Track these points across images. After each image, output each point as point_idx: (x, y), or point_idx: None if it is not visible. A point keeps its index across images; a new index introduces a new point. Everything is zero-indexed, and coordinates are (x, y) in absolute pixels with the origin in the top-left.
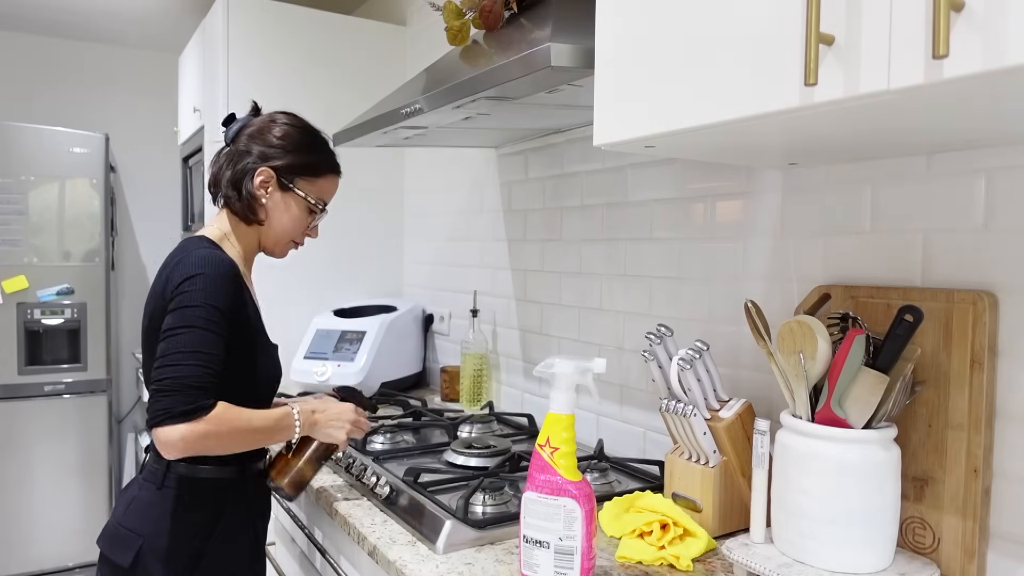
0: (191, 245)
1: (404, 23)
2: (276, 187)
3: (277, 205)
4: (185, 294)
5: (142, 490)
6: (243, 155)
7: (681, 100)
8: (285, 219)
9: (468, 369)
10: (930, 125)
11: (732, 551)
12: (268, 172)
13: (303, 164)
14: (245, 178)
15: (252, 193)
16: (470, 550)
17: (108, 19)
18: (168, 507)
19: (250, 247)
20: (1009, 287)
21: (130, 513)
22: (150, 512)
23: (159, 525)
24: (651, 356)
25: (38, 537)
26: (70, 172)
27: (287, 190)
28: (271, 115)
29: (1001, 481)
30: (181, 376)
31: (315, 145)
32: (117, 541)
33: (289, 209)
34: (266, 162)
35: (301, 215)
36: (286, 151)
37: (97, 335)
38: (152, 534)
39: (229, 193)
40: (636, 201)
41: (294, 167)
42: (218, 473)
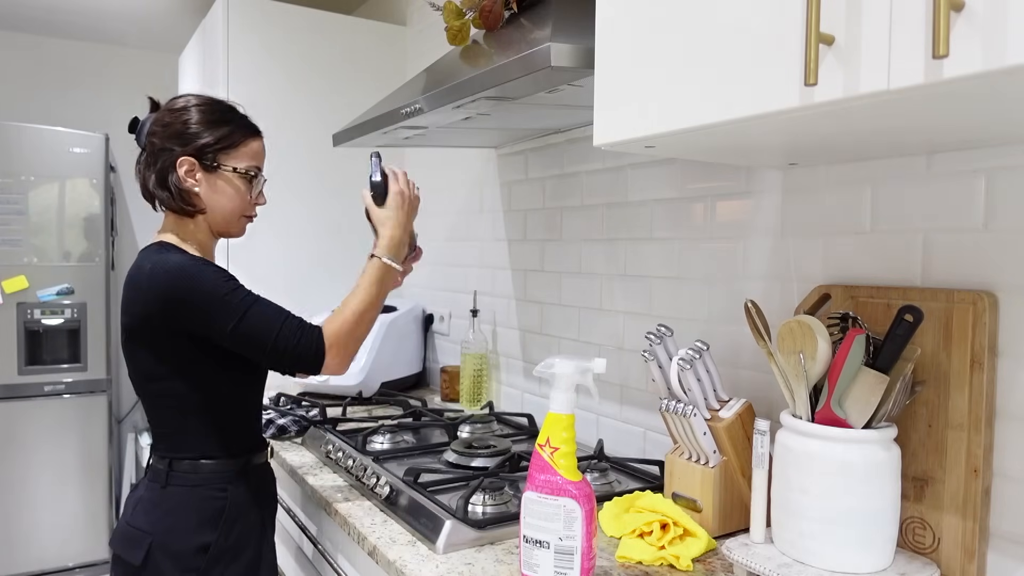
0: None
1: (404, 23)
2: (201, 171)
3: (211, 188)
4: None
5: (148, 490)
6: (159, 152)
7: (681, 100)
8: (223, 199)
9: (468, 369)
10: (930, 125)
11: (732, 551)
12: (188, 160)
13: (217, 139)
14: (169, 174)
15: (180, 187)
16: (470, 550)
17: (108, 19)
18: (173, 503)
19: (205, 238)
20: (1009, 287)
21: (137, 513)
22: (156, 510)
23: (166, 521)
24: (651, 356)
25: (38, 537)
26: (70, 172)
27: (213, 170)
28: (169, 102)
29: (1001, 481)
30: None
31: (223, 117)
32: (128, 541)
33: (223, 189)
34: (181, 151)
35: (237, 189)
36: (197, 133)
37: (97, 335)
38: (160, 531)
39: (160, 194)
40: (636, 201)
41: (210, 145)
42: (220, 467)
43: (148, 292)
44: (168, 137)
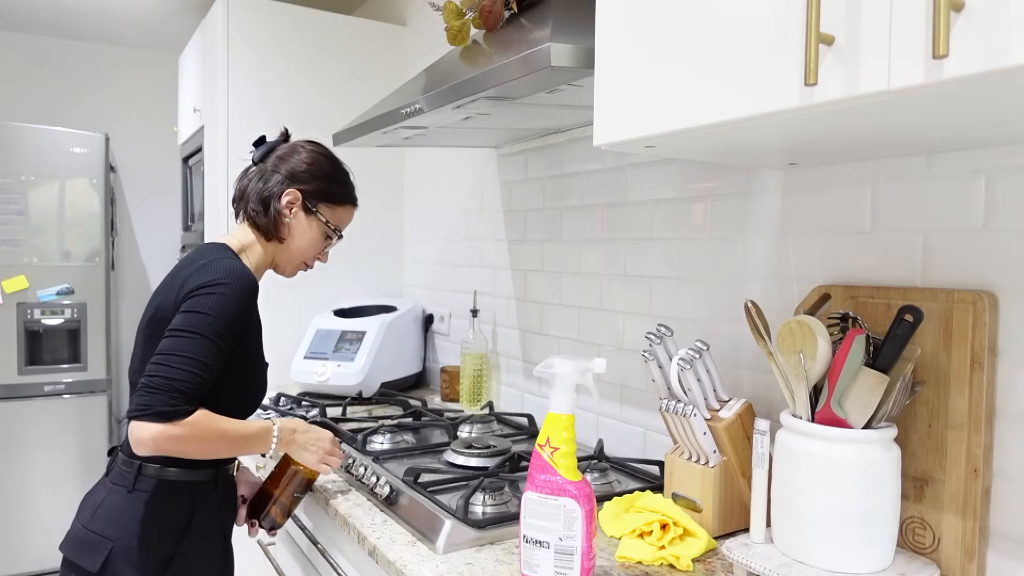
0: (217, 252)
1: (404, 23)
2: (300, 208)
3: (299, 225)
4: (202, 298)
5: (110, 494)
6: (271, 174)
7: (681, 100)
8: (304, 240)
9: (468, 369)
10: (930, 125)
11: (732, 551)
12: (296, 193)
13: (327, 191)
14: (273, 196)
15: (279, 210)
16: (470, 550)
17: (108, 19)
18: (139, 510)
19: (264, 262)
20: (1009, 287)
21: (97, 518)
22: (120, 516)
23: (130, 529)
24: (651, 356)
25: (38, 537)
26: (70, 172)
27: (310, 213)
28: (300, 142)
29: (1001, 481)
30: (172, 378)
31: (340, 175)
32: (84, 546)
33: (309, 231)
34: (294, 184)
35: (318, 238)
36: (314, 176)
37: (97, 335)
38: (122, 538)
39: (256, 208)
40: (636, 201)
41: (319, 192)
42: (189, 476)
43: (187, 280)
44: (287, 166)
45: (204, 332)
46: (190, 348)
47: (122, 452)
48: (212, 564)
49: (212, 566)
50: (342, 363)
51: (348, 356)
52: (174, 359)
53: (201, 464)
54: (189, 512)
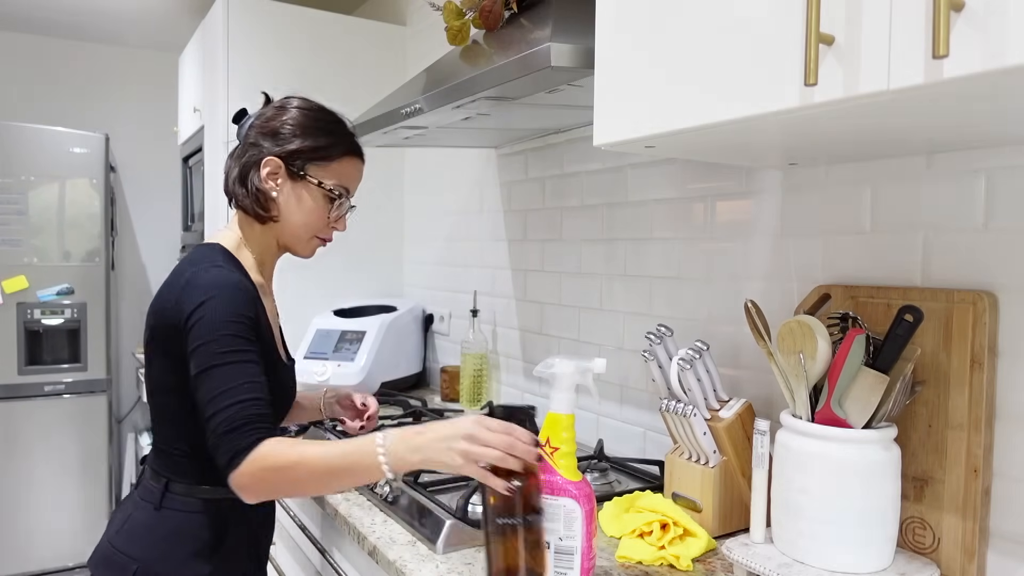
0: (204, 259)
1: (404, 23)
2: (286, 177)
3: (289, 197)
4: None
5: (138, 510)
6: (250, 147)
7: (681, 100)
8: (299, 212)
9: (468, 369)
10: (930, 125)
11: (732, 551)
12: (275, 161)
13: (312, 147)
14: (251, 171)
15: (259, 187)
16: (470, 550)
17: (108, 19)
18: (168, 529)
19: (267, 249)
20: (1009, 287)
21: (124, 534)
22: (148, 535)
23: (158, 549)
24: (651, 356)
25: (38, 537)
26: (70, 172)
27: (298, 179)
28: (281, 101)
29: (1001, 481)
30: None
31: (327, 126)
32: (111, 565)
33: (302, 200)
34: (272, 151)
35: (318, 205)
36: (293, 135)
37: (97, 335)
38: (149, 559)
39: (237, 190)
40: (636, 201)
41: (302, 152)
42: (221, 493)
43: (178, 302)
44: (263, 134)
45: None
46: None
47: (149, 466)
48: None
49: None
50: (342, 363)
51: (348, 356)
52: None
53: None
54: (221, 531)
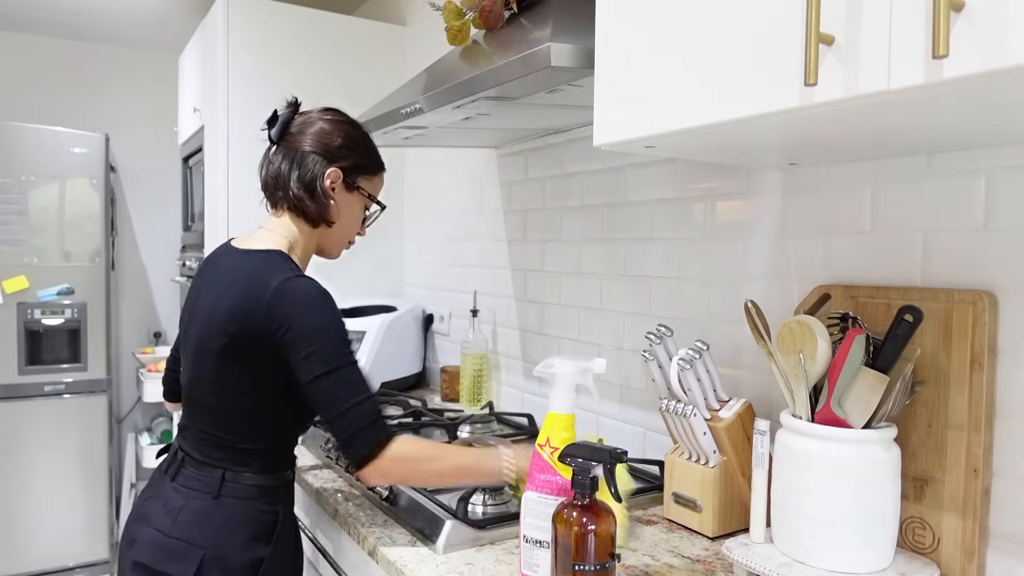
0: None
1: (404, 23)
2: (342, 188)
3: (345, 205)
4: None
5: (191, 500)
6: (306, 155)
7: (681, 100)
8: (349, 220)
9: (468, 369)
10: (930, 125)
11: (732, 551)
12: (337, 172)
13: (364, 163)
14: (317, 179)
15: (325, 192)
16: (470, 550)
17: (108, 19)
18: (227, 516)
19: (310, 251)
20: (1009, 287)
21: (181, 524)
22: (208, 523)
23: (221, 535)
24: (651, 356)
25: (38, 537)
26: (70, 172)
27: (352, 189)
28: (318, 113)
29: (1001, 481)
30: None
31: (370, 142)
32: (171, 554)
33: (350, 209)
34: (333, 162)
35: (360, 214)
36: (350, 150)
37: (97, 335)
38: (213, 544)
39: (300, 194)
40: (636, 201)
41: (357, 166)
42: (272, 480)
43: (270, 308)
44: (322, 144)
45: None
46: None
47: (197, 459)
48: (289, 559)
49: (289, 561)
50: None
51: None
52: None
53: (279, 468)
54: (275, 515)
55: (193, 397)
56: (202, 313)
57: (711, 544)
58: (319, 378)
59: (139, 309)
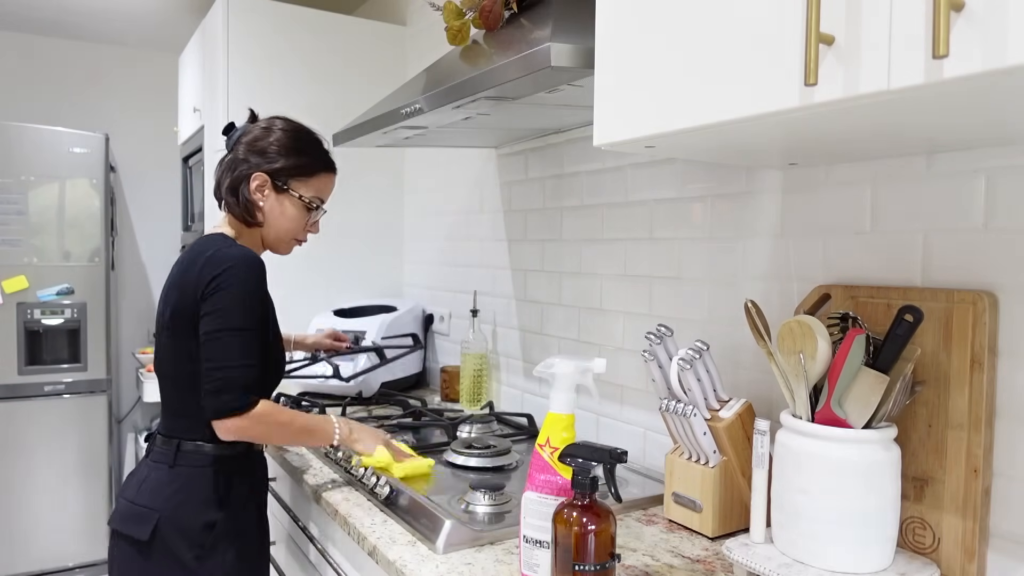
0: (217, 242)
1: (404, 23)
2: (271, 189)
3: (273, 207)
4: (220, 294)
5: (153, 471)
6: (240, 162)
7: (681, 100)
8: (282, 220)
9: (468, 369)
10: (930, 125)
11: (732, 551)
12: (262, 176)
13: (295, 166)
14: (242, 184)
15: (248, 198)
16: (470, 550)
17: (108, 19)
18: (182, 483)
19: (255, 246)
20: (1009, 287)
21: (143, 492)
22: (164, 489)
23: (175, 499)
24: (651, 356)
25: (38, 537)
26: (70, 172)
27: (282, 192)
28: (267, 121)
29: (1001, 481)
30: (231, 378)
31: (307, 147)
32: (133, 518)
33: (285, 210)
34: (261, 167)
35: (298, 214)
36: (279, 155)
37: (97, 335)
38: (168, 508)
39: (228, 199)
40: (636, 201)
41: (287, 169)
42: (223, 451)
43: (199, 273)
44: (252, 151)
45: (236, 326)
46: (233, 347)
47: (160, 434)
48: (251, 530)
49: (251, 531)
50: (342, 363)
51: (348, 356)
52: (225, 360)
53: (234, 442)
54: (226, 484)
55: (159, 371)
56: (162, 294)
57: (711, 544)
58: (211, 333)
59: (139, 309)
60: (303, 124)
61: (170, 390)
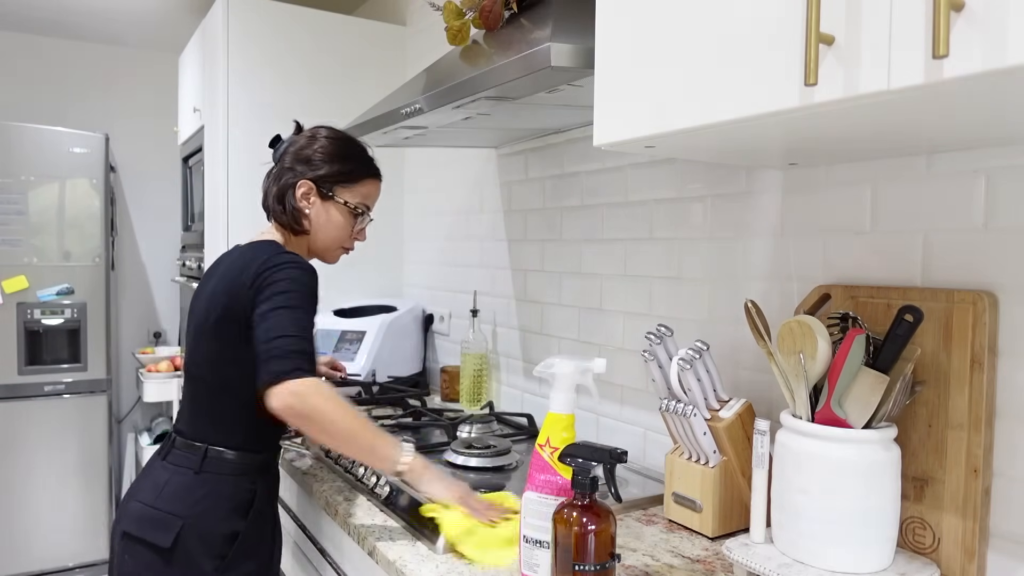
0: (272, 247)
1: (404, 23)
2: (317, 197)
3: (320, 214)
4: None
5: (175, 475)
6: (286, 171)
7: (681, 100)
8: (329, 227)
9: (468, 369)
10: (930, 125)
11: (732, 551)
12: (308, 184)
13: (340, 172)
14: (288, 192)
15: (295, 205)
16: None
17: (108, 19)
18: (207, 490)
19: (303, 253)
20: (1009, 287)
21: (164, 497)
22: (189, 495)
23: (200, 507)
24: (651, 356)
25: (38, 537)
26: (70, 172)
27: (328, 199)
28: (312, 130)
29: (1001, 481)
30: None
31: (351, 153)
32: (153, 523)
33: (331, 217)
34: (306, 174)
35: (345, 221)
36: (323, 162)
37: (97, 335)
38: (193, 516)
39: (275, 207)
40: (636, 201)
41: (332, 176)
42: (251, 459)
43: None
44: (297, 160)
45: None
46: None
47: (184, 437)
48: (267, 541)
49: (267, 543)
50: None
51: (348, 356)
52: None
53: (258, 447)
54: (251, 492)
55: (192, 373)
56: (203, 297)
57: (711, 544)
58: (266, 312)
59: (139, 309)
60: (347, 132)
61: (205, 394)
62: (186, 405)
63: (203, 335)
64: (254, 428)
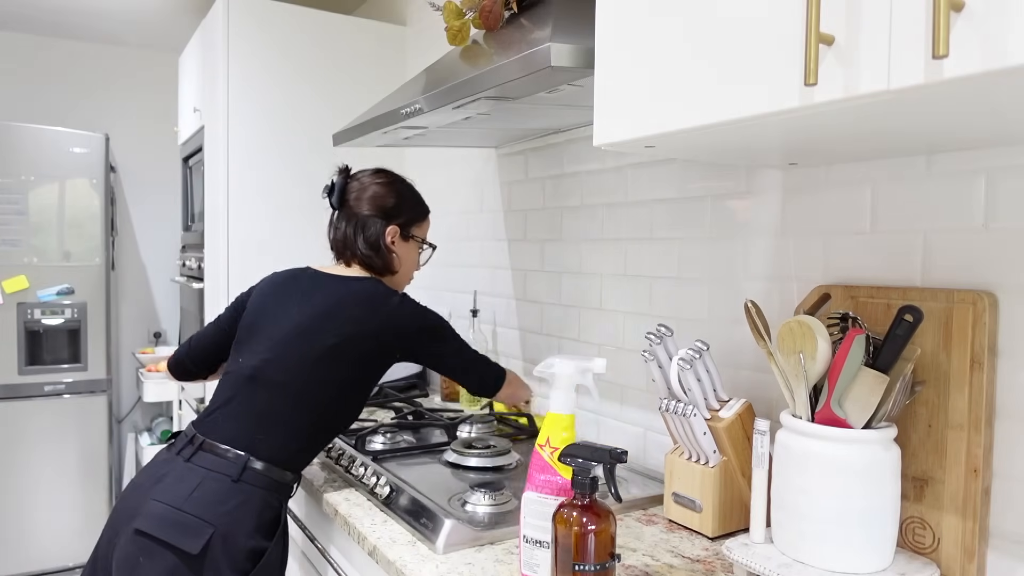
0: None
1: (404, 23)
2: (399, 239)
3: (404, 253)
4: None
5: (208, 479)
6: (368, 220)
7: (681, 100)
8: (408, 264)
9: None
10: (930, 125)
11: (732, 551)
12: (395, 229)
13: (415, 215)
14: (380, 239)
15: (388, 249)
16: (470, 550)
17: (108, 19)
18: (242, 500)
19: None
20: (1009, 287)
21: (194, 501)
22: (221, 504)
23: (231, 517)
24: (651, 356)
25: (38, 537)
26: (70, 172)
27: (407, 239)
28: (372, 178)
29: (1001, 481)
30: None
31: (416, 196)
32: (180, 527)
33: (410, 254)
34: (391, 221)
35: (416, 255)
36: (401, 208)
37: (97, 335)
38: (225, 524)
39: (368, 253)
40: (636, 201)
41: (410, 219)
42: (284, 477)
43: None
44: (379, 207)
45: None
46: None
47: (224, 443)
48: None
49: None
50: None
51: None
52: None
53: (294, 467)
54: (277, 510)
55: (261, 377)
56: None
57: (711, 544)
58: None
59: (139, 309)
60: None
61: (280, 405)
62: (234, 409)
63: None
64: (305, 447)
